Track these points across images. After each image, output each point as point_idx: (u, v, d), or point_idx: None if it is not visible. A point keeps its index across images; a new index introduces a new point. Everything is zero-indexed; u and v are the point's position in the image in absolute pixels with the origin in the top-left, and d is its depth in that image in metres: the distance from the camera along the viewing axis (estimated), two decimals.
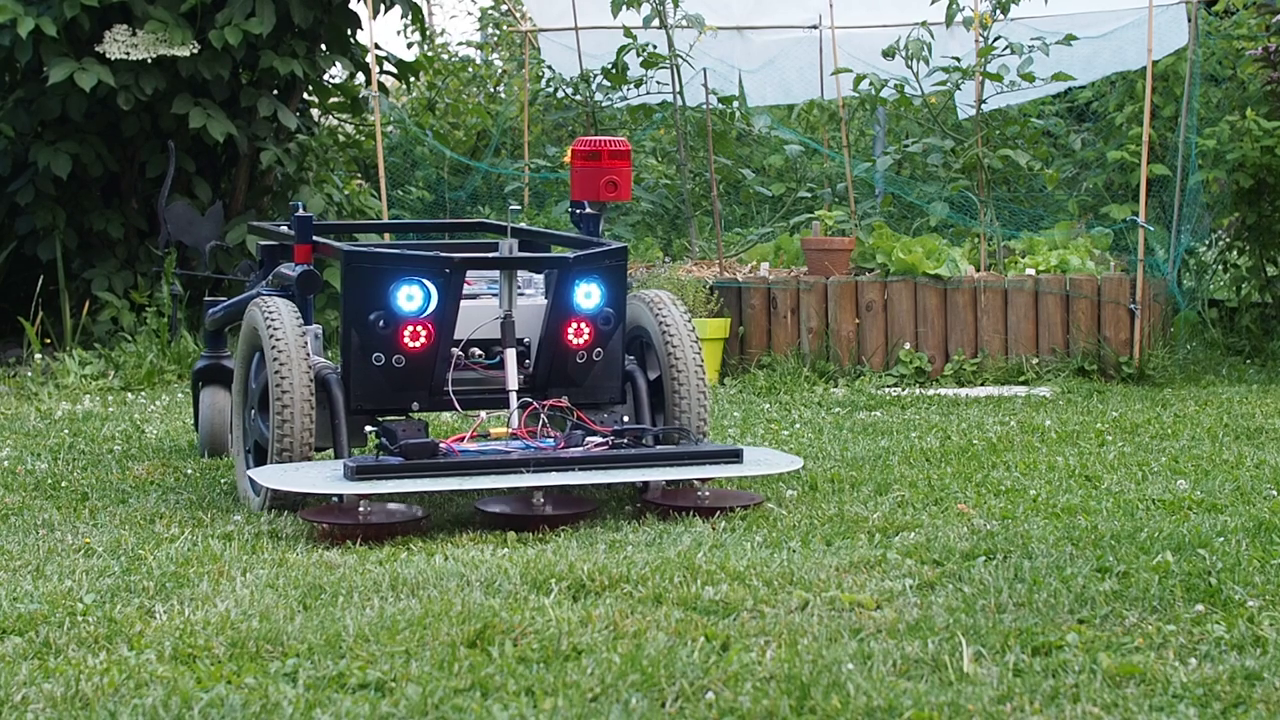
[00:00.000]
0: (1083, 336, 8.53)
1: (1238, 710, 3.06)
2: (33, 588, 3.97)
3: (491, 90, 13.49)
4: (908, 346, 8.57)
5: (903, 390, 8.21)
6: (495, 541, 4.51)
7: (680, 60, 9.62)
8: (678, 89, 9.70)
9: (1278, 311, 9.70)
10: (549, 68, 10.62)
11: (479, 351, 5.14)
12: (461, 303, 5.08)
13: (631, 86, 10.00)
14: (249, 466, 5.15)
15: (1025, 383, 8.39)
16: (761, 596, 3.83)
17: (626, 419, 5.24)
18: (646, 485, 5.05)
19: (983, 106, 9.19)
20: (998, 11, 9.06)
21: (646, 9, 9.44)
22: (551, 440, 4.94)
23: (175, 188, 9.33)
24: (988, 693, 3.13)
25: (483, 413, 5.07)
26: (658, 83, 9.95)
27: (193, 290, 9.23)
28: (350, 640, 3.48)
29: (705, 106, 9.74)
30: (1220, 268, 10.23)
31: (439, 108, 12.76)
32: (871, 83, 9.41)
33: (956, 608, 3.70)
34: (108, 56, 8.92)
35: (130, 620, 3.67)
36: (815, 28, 10.63)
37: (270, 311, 4.98)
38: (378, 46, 10.09)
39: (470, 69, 13.73)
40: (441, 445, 4.79)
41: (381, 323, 4.92)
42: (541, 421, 5.01)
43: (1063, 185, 9.89)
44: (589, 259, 5.13)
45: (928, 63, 9.04)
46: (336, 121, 11.80)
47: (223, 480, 5.56)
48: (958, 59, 9.08)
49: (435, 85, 12.94)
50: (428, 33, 14.38)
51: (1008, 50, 8.99)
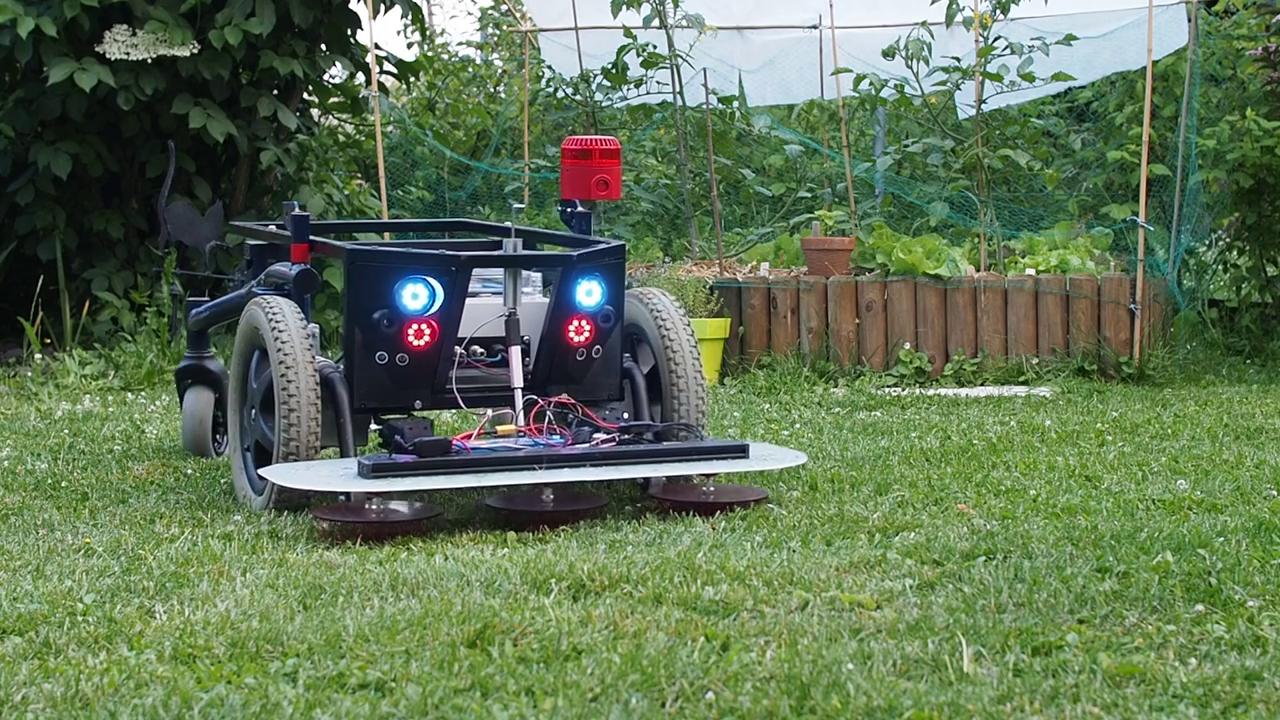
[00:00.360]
0: (1083, 336, 8.53)
1: (1238, 710, 3.06)
2: (33, 588, 3.97)
3: (491, 90, 13.49)
4: (908, 346, 8.57)
5: (903, 390, 8.21)
6: (495, 541, 4.51)
7: (680, 60, 9.62)
8: (678, 89, 9.70)
9: (1278, 311, 9.70)
10: (549, 68, 10.62)
11: (479, 350, 5.15)
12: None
13: (631, 86, 10.00)
14: (247, 466, 5.15)
15: (1025, 383, 8.39)
16: (761, 596, 3.83)
17: (626, 415, 5.25)
18: (648, 481, 5.07)
19: (983, 106, 9.19)
20: (998, 11, 9.06)
21: (646, 9, 9.44)
22: (559, 437, 4.95)
23: (175, 188, 9.33)
24: (988, 693, 3.13)
25: (488, 410, 5.07)
26: (658, 83, 9.95)
27: (193, 290, 9.23)
28: (350, 640, 3.48)
29: (705, 106, 9.74)
30: (1220, 268, 10.23)
31: (439, 108, 12.76)
32: (871, 83, 9.41)
33: (956, 608, 3.70)
34: (108, 56, 8.92)
35: (130, 620, 3.67)
36: (815, 28, 10.63)
37: (273, 310, 4.97)
38: (378, 46, 10.09)
39: (470, 69, 13.73)
40: (453, 443, 4.80)
41: (386, 321, 4.92)
42: (547, 419, 5.02)
43: (1063, 185, 9.89)
44: (591, 257, 5.14)
45: (928, 63, 9.04)
46: (336, 121, 11.80)
47: (223, 480, 5.56)
48: (958, 59, 9.08)
49: (435, 85, 12.94)
50: (428, 33, 14.38)
51: (1008, 50, 8.99)
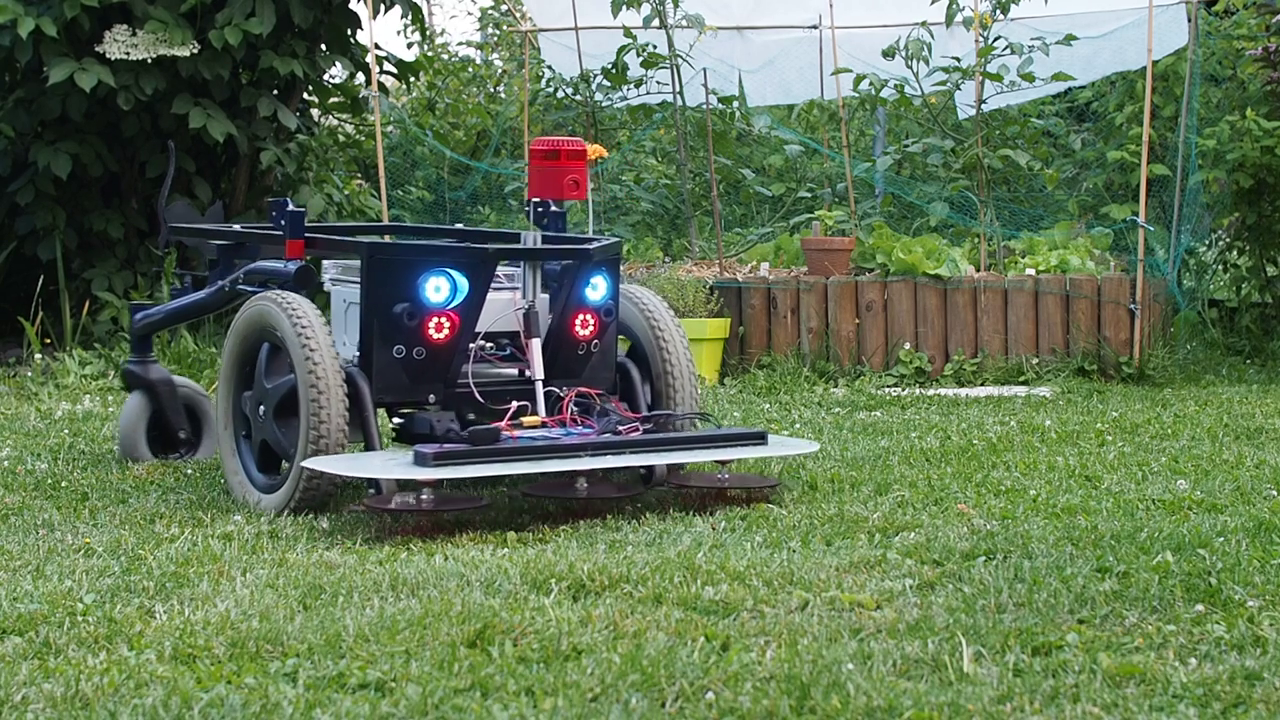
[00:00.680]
0: (1083, 336, 8.52)
1: (1238, 710, 3.06)
2: (33, 588, 3.96)
3: (491, 90, 13.49)
4: (908, 346, 8.57)
5: (903, 390, 8.21)
6: (495, 541, 4.52)
7: (680, 60, 9.62)
8: (678, 89, 9.70)
9: (1278, 311, 9.70)
10: (549, 68, 10.62)
11: (488, 344, 5.18)
12: None
13: (631, 86, 10.00)
14: (247, 467, 5.15)
15: (1025, 383, 8.39)
16: (761, 596, 3.83)
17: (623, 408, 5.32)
18: (650, 472, 5.18)
19: (983, 106, 9.19)
20: (998, 11, 9.06)
21: (646, 9, 9.44)
22: (588, 428, 5.02)
23: (175, 188, 9.33)
24: (988, 693, 3.13)
25: (514, 402, 5.09)
26: (658, 83, 9.95)
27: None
28: (350, 640, 3.48)
29: (705, 106, 9.73)
30: (1220, 268, 10.23)
31: (439, 108, 12.76)
32: (871, 83, 9.41)
33: (956, 608, 3.70)
34: (108, 56, 8.92)
35: (130, 620, 3.67)
36: (815, 28, 10.63)
37: (293, 307, 4.96)
38: (378, 46, 10.09)
39: (470, 69, 13.73)
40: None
41: (408, 315, 4.96)
42: (570, 409, 5.08)
43: (1063, 185, 9.89)
44: (604, 251, 5.23)
45: (928, 63, 9.04)
46: (336, 121, 11.80)
47: (223, 480, 5.56)
48: (958, 59, 9.08)
49: (435, 85, 12.94)
50: (428, 33, 14.38)
51: (1008, 50, 8.99)
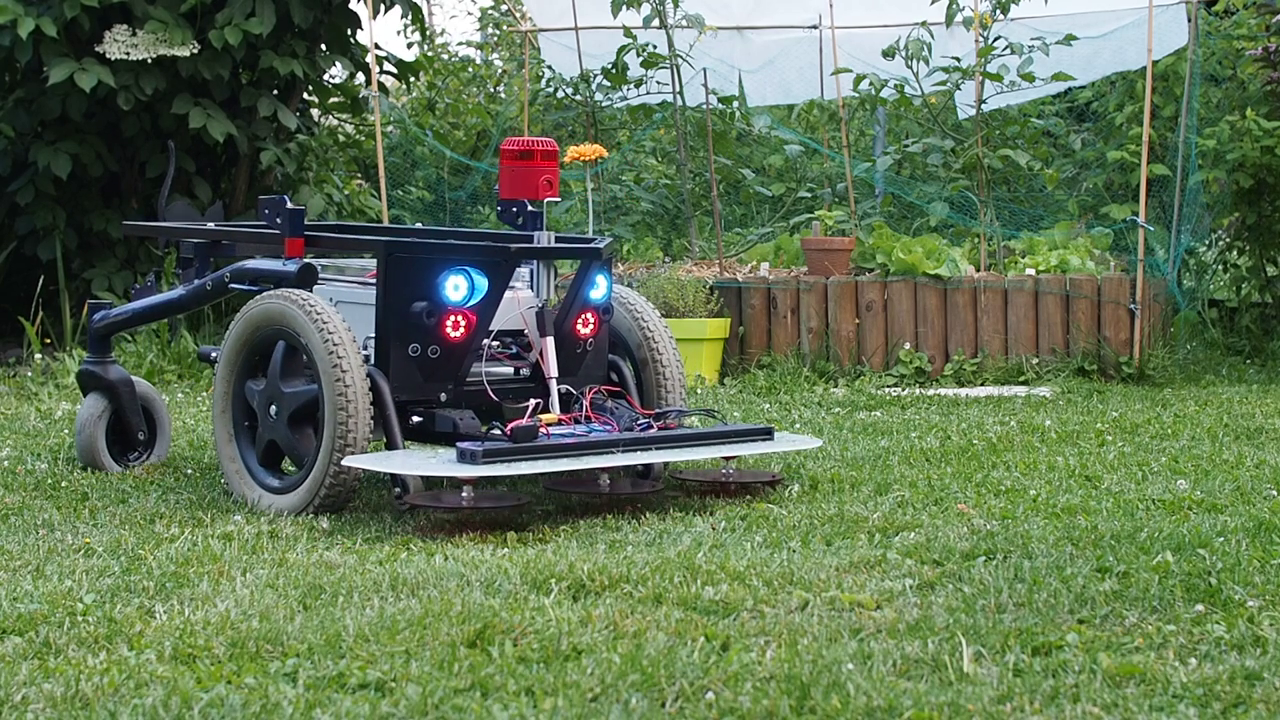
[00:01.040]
0: (1083, 336, 8.52)
1: (1238, 710, 3.06)
2: (33, 588, 3.96)
3: (491, 90, 13.49)
4: (908, 346, 8.57)
5: (903, 390, 8.21)
6: (495, 541, 4.52)
7: (680, 60, 9.62)
8: (678, 89, 9.70)
9: (1278, 311, 9.70)
10: (549, 68, 10.62)
11: (495, 343, 5.20)
12: None
13: (631, 86, 9.99)
14: (252, 469, 5.14)
15: (1025, 383, 8.39)
16: (761, 596, 3.83)
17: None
18: (649, 468, 5.21)
19: (983, 106, 9.19)
20: (998, 11, 9.06)
21: (646, 9, 9.44)
22: (605, 425, 5.05)
23: (175, 188, 9.33)
24: (988, 693, 3.13)
25: (532, 400, 5.10)
26: (658, 83, 9.94)
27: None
28: (350, 640, 3.48)
29: (705, 106, 9.73)
30: (1220, 268, 10.23)
31: (439, 108, 12.76)
32: (871, 83, 9.41)
33: (956, 608, 3.70)
34: (108, 56, 8.92)
35: (130, 620, 3.67)
36: (815, 28, 10.63)
37: (317, 311, 4.93)
38: (378, 46, 10.09)
39: (470, 69, 13.72)
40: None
41: (427, 313, 4.97)
42: (585, 407, 5.11)
43: (1063, 185, 9.89)
44: (609, 249, 5.28)
45: (928, 63, 9.04)
46: (336, 121, 11.81)
47: (223, 480, 5.55)
48: (958, 59, 9.08)
49: (435, 85, 12.94)
50: (428, 33, 14.38)
51: (1008, 50, 8.99)
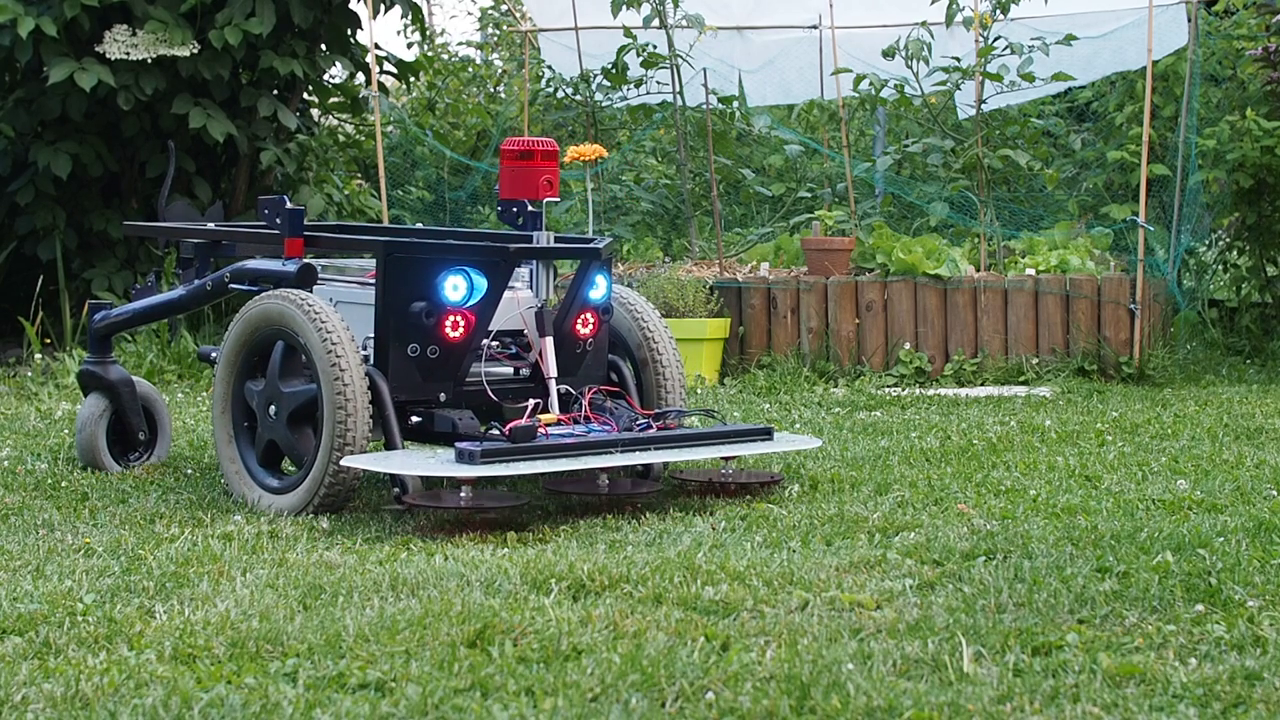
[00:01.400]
0: (1083, 336, 8.52)
1: (1238, 710, 3.06)
2: (33, 588, 3.96)
3: (491, 90, 13.49)
4: (908, 346, 8.57)
5: (903, 390, 8.21)
6: (495, 541, 4.52)
7: (680, 60, 9.62)
8: (678, 89, 9.70)
9: (1278, 311, 9.70)
10: (549, 68, 10.62)
11: (494, 343, 5.20)
12: None
13: (631, 86, 9.99)
14: (249, 461, 5.14)
15: (1025, 383, 8.39)
16: (761, 596, 3.83)
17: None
18: (648, 468, 5.21)
19: (983, 106, 9.19)
20: (998, 11, 9.06)
21: (646, 9, 9.44)
22: (605, 425, 5.05)
23: (175, 188, 9.33)
24: (988, 693, 3.13)
25: (532, 401, 5.10)
26: (658, 83, 9.94)
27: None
28: (350, 640, 3.48)
29: (705, 106, 9.73)
30: (1220, 268, 10.23)
31: (439, 108, 12.76)
32: (871, 83, 9.41)
33: (956, 608, 3.70)
34: (108, 56, 8.92)
35: (130, 620, 3.67)
36: (815, 28, 10.63)
37: (316, 311, 4.93)
38: (378, 46, 10.09)
39: (470, 69, 13.72)
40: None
41: (426, 313, 4.97)
42: (584, 407, 5.12)
43: (1063, 185, 9.89)
44: (609, 249, 5.28)
45: (928, 63, 9.04)
46: (336, 121, 11.81)
47: (223, 480, 5.56)
48: (958, 59, 9.08)
49: (435, 85, 12.94)
50: (428, 33, 14.38)
51: (1008, 50, 8.99)
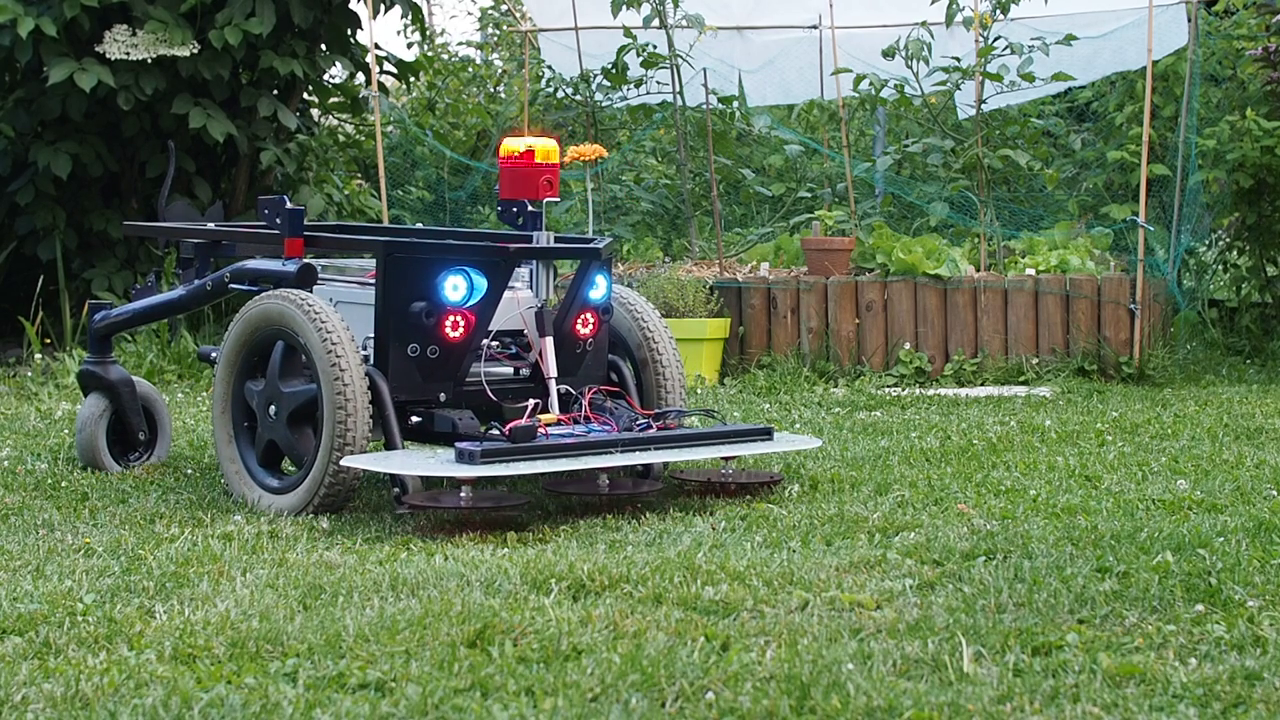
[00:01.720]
0: (1083, 336, 8.52)
1: (1238, 710, 3.06)
2: (33, 588, 3.96)
3: (491, 90, 13.49)
4: (908, 346, 8.57)
5: (903, 390, 8.21)
6: (495, 541, 4.52)
7: (680, 60, 9.62)
8: (678, 89, 9.70)
9: (1278, 311, 9.70)
10: (549, 68, 10.62)
11: (494, 343, 5.20)
12: None
13: (631, 86, 9.99)
14: (251, 469, 5.14)
15: (1025, 383, 8.39)
16: (761, 596, 3.83)
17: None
18: (648, 467, 5.21)
19: (983, 106, 9.19)
20: (998, 11, 9.06)
21: (646, 9, 9.44)
22: (605, 425, 5.04)
23: (175, 188, 9.33)
24: (988, 693, 3.13)
25: (532, 401, 5.10)
26: (658, 83, 9.94)
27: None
28: (350, 640, 3.48)
29: (705, 106, 9.73)
30: (1220, 268, 10.23)
31: (439, 108, 12.76)
32: (871, 83, 9.41)
33: (956, 608, 3.70)
34: (108, 56, 8.92)
35: (130, 620, 3.67)
36: (815, 28, 10.63)
37: (316, 311, 4.93)
38: (378, 46, 10.09)
39: (470, 69, 13.72)
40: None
41: (426, 313, 4.97)
42: (584, 407, 5.12)
43: (1063, 185, 9.89)
44: (609, 249, 5.28)
45: (928, 63, 9.04)
46: (336, 121, 11.81)
47: (223, 480, 5.55)
48: (958, 59, 9.08)
49: (435, 85, 12.94)
50: (428, 33, 14.38)
51: (1008, 50, 8.99)
